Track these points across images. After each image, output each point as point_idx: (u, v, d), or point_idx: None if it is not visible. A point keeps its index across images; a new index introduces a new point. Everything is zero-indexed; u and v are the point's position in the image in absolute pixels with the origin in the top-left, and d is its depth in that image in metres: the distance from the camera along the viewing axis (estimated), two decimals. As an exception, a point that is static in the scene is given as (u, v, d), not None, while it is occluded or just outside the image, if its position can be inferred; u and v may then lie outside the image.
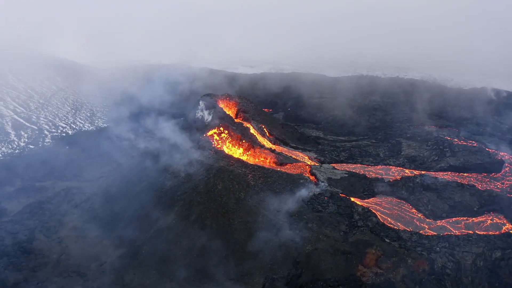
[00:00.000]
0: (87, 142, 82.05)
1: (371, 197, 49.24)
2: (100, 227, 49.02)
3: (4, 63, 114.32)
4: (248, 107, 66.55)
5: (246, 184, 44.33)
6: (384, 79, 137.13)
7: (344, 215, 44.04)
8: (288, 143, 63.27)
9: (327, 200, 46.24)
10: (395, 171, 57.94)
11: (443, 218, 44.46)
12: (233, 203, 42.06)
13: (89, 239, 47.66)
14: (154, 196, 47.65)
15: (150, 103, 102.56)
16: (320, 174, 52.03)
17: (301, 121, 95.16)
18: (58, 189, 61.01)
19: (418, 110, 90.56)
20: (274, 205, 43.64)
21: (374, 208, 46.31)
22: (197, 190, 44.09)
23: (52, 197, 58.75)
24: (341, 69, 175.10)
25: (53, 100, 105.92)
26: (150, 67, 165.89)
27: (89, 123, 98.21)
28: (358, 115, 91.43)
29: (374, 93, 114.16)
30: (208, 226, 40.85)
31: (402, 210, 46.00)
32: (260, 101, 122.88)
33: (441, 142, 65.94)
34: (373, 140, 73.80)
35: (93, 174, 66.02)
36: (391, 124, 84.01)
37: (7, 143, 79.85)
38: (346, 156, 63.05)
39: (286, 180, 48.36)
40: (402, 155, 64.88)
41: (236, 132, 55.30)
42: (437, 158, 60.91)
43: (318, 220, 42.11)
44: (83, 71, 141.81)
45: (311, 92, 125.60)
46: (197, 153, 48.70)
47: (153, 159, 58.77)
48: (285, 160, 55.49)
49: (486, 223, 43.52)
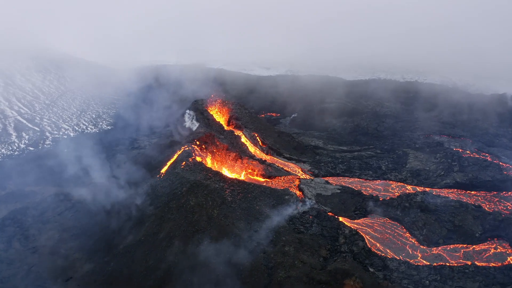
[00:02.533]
0: (85, 145, 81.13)
1: (362, 217, 45.03)
2: (76, 239, 47.28)
3: (15, 63, 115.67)
4: (241, 114, 63.32)
5: (222, 200, 41.14)
6: (403, 83, 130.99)
7: (328, 237, 40.14)
8: (282, 153, 59.64)
9: (311, 220, 42.44)
10: (395, 187, 53.39)
11: (439, 245, 39.73)
12: (204, 221, 38.97)
13: (63, 250, 45.94)
14: (129, 209, 45.39)
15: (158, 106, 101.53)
16: (308, 189, 48.22)
17: (306, 127, 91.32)
18: (46, 195, 59.82)
19: (432, 118, 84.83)
20: (250, 224, 40.27)
21: (364, 230, 42.15)
22: (169, 205, 41.33)
23: (39, 203, 57.54)
24: (358, 72, 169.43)
25: (59, 101, 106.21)
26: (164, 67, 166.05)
27: (93, 125, 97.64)
28: (367, 122, 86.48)
29: (388, 98, 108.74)
30: (176, 245, 37.95)
31: (394, 234, 41.61)
32: (269, 105, 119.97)
33: (451, 154, 60.66)
34: (378, 150, 69.10)
35: (83, 180, 64.70)
36: (401, 132, 78.84)
37: (7, 145, 79.94)
38: (344, 169, 58.77)
39: (269, 196, 44.86)
40: (407, 168, 60.08)
41: (223, 141, 52.20)
42: (444, 173, 55.83)
43: (297, 243, 38.40)
44: (96, 71, 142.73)
45: (323, 96, 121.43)
46: (177, 165, 45.92)
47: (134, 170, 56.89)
48: (274, 172, 51.98)
49: (488, 252, 38.55)
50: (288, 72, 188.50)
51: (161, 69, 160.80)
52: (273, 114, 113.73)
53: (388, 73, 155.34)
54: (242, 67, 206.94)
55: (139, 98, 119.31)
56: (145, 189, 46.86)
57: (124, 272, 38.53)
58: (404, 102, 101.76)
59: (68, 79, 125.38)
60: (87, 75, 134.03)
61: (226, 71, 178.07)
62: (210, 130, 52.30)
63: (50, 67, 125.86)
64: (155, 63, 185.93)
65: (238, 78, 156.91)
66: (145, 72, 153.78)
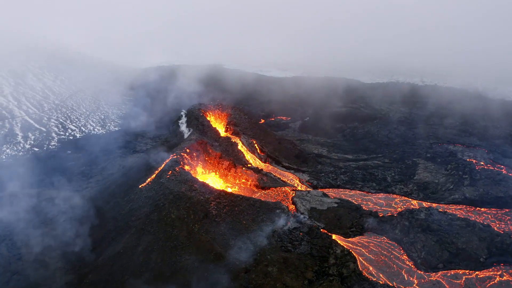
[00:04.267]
0: (89, 147, 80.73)
1: (358, 235, 41.84)
2: (62, 247, 46.00)
3: (27, 62, 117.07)
4: (240, 119, 60.87)
5: (205, 214, 38.86)
6: (421, 87, 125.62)
7: (317, 257, 37.24)
8: (280, 162, 56.90)
9: (301, 237, 39.62)
10: (399, 202, 49.87)
11: (439, 270, 36.18)
12: (184, 236, 36.81)
13: (47, 258, 44.71)
14: (113, 218, 43.87)
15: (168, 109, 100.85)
16: (302, 203, 45.37)
17: (316, 132, 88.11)
18: (43, 198, 59.11)
19: (448, 125, 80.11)
20: (234, 240, 37.87)
21: (357, 250, 39.02)
22: (150, 217, 39.39)
23: (34, 206, 56.85)
24: (376, 74, 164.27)
25: (69, 101, 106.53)
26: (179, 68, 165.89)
27: (100, 126, 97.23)
28: (378, 128, 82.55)
29: (404, 103, 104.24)
30: (153, 261, 36.00)
31: (391, 256, 38.28)
32: (280, 108, 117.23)
33: (462, 166, 56.55)
34: (386, 159, 65.36)
35: (81, 184, 64.11)
36: (413, 140, 74.63)
37: (12, 145, 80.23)
38: (345, 180, 55.50)
39: (258, 210, 42.29)
40: (414, 180, 56.37)
41: (216, 149, 49.96)
42: (453, 186, 51.91)
43: (281, 263, 35.75)
44: (109, 71, 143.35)
45: (337, 99, 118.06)
46: (163, 174, 44.00)
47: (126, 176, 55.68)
48: (268, 183, 49.36)
49: (493, 281, 34.82)
50: (304, 74, 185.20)
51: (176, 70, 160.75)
52: (283, 117, 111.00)
53: (407, 76, 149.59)
54: (259, 68, 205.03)
55: (151, 99, 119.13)
56: (132, 198, 45.19)
57: (100, 285, 36.88)
58: (420, 108, 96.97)
59: (80, 79, 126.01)
60: (100, 75, 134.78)
61: (242, 72, 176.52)
62: (202, 137, 50.11)
63: (63, 67, 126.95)
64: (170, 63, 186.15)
65: (253, 79, 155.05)
66: (159, 72, 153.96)
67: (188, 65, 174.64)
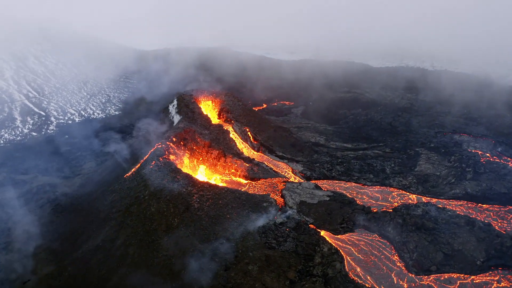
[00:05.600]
0: (86, 132, 79.68)
1: (349, 231, 39.70)
2: (46, 237, 45.22)
3: (30, 45, 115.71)
4: (234, 106, 58.51)
5: (185, 207, 37.19)
6: (431, 72, 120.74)
7: (302, 255, 35.40)
8: (274, 151, 54.72)
9: (287, 233, 37.77)
10: (396, 196, 47.46)
11: (431, 273, 34.00)
12: (162, 230, 35.32)
13: (31, 248, 43.99)
14: (96, 209, 42.65)
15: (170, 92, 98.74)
16: (291, 196, 43.31)
17: (318, 118, 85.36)
18: (34, 185, 58.87)
19: (455, 113, 76.38)
20: (216, 235, 36.21)
21: (346, 249, 37.01)
22: (130, 210, 37.97)
23: (25, 193, 56.60)
24: (386, 58, 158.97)
25: (70, 85, 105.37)
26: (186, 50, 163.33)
27: (100, 110, 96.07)
28: (381, 115, 79.37)
29: (411, 89, 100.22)
30: (130, 255, 34.70)
31: (381, 257, 36.15)
32: (285, 92, 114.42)
33: (466, 158, 53.64)
34: (387, 149, 62.56)
35: (74, 170, 63.28)
36: (417, 129, 71.41)
37: (11, 129, 79.70)
38: (341, 171, 53.14)
39: (243, 203, 40.44)
40: (415, 172, 53.71)
41: (205, 138, 47.96)
42: (454, 180, 49.16)
43: (263, 261, 34.03)
44: (114, 53, 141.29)
45: (343, 84, 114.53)
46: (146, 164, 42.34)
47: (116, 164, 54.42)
48: (258, 174, 47.35)
49: (490, 286, 32.57)
50: (312, 57, 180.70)
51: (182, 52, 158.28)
52: (286, 102, 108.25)
53: (417, 60, 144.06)
54: (266, 51, 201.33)
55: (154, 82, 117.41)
56: (115, 188, 43.81)
57: (78, 280, 35.87)
58: (427, 94, 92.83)
59: (83, 62, 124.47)
60: (105, 57, 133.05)
61: (249, 55, 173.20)
62: (190, 125, 48.09)
63: (66, 49, 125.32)
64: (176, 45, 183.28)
65: (258, 62, 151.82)
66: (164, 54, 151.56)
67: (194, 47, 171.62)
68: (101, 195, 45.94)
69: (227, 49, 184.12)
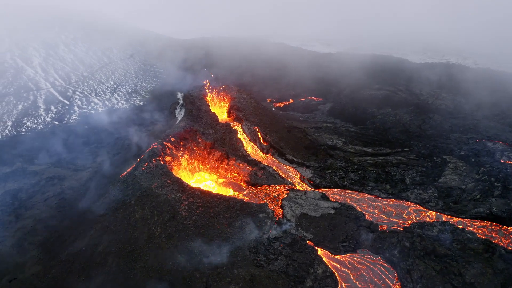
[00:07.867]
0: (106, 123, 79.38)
1: (350, 251, 35.60)
2: (41, 233, 44.61)
3: (61, 33, 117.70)
4: (245, 103, 55.12)
5: (171, 215, 34.66)
6: (473, 70, 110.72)
7: (292, 277, 31.90)
8: (284, 154, 50.95)
9: (280, 250, 34.32)
10: (412, 212, 42.47)
11: (438, 310, 29.47)
12: (143, 239, 33.04)
13: (26, 244, 43.55)
14: (88, 209, 41.22)
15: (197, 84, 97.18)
16: (291, 207, 39.59)
17: (344, 117, 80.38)
18: (44, 176, 58.78)
19: (492, 117, 68.65)
20: (201, 249, 33.44)
21: (343, 273, 33.03)
22: (115, 214, 36.04)
23: (33, 185, 56.60)
24: (427, 54, 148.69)
25: (98, 74, 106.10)
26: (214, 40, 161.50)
27: (124, 100, 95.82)
28: (411, 117, 72.97)
29: (448, 89, 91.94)
30: (109, 264, 32.76)
31: (382, 286, 31.89)
32: (314, 87, 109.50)
33: (497, 170, 47.33)
34: (412, 155, 56.95)
35: (85, 163, 62.79)
36: (448, 133, 64.79)
37: (33, 118, 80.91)
38: (354, 180, 48.52)
39: (237, 213, 37.34)
40: (438, 183, 48.16)
41: (208, 138, 45.12)
42: (480, 196, 43.27)
43: (247, 281, 30.91)
44: (146, 42, 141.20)
45: (377, 80, 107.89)
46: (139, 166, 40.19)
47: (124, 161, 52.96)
48: (261, 179, 43.90)
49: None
50: (349, 50, 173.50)
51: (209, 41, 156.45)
52: (314, 98, 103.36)
53: (459, 57, 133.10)
54: (302, 42, 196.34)
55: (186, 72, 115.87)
56: (109, 188, 42.12)
57: (59, 284, 34.57)
58: (465, 95, 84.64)
59: (114, 50, 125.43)
60: (138, 46, 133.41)
61: (287, 46, 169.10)
62: (192, 124, 45.36)
63: (98, 37, 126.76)
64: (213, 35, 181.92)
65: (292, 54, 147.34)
66: (198, 45, 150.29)
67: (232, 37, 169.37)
68: (97, 194, 44.58)
69: (265, 40, 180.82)
